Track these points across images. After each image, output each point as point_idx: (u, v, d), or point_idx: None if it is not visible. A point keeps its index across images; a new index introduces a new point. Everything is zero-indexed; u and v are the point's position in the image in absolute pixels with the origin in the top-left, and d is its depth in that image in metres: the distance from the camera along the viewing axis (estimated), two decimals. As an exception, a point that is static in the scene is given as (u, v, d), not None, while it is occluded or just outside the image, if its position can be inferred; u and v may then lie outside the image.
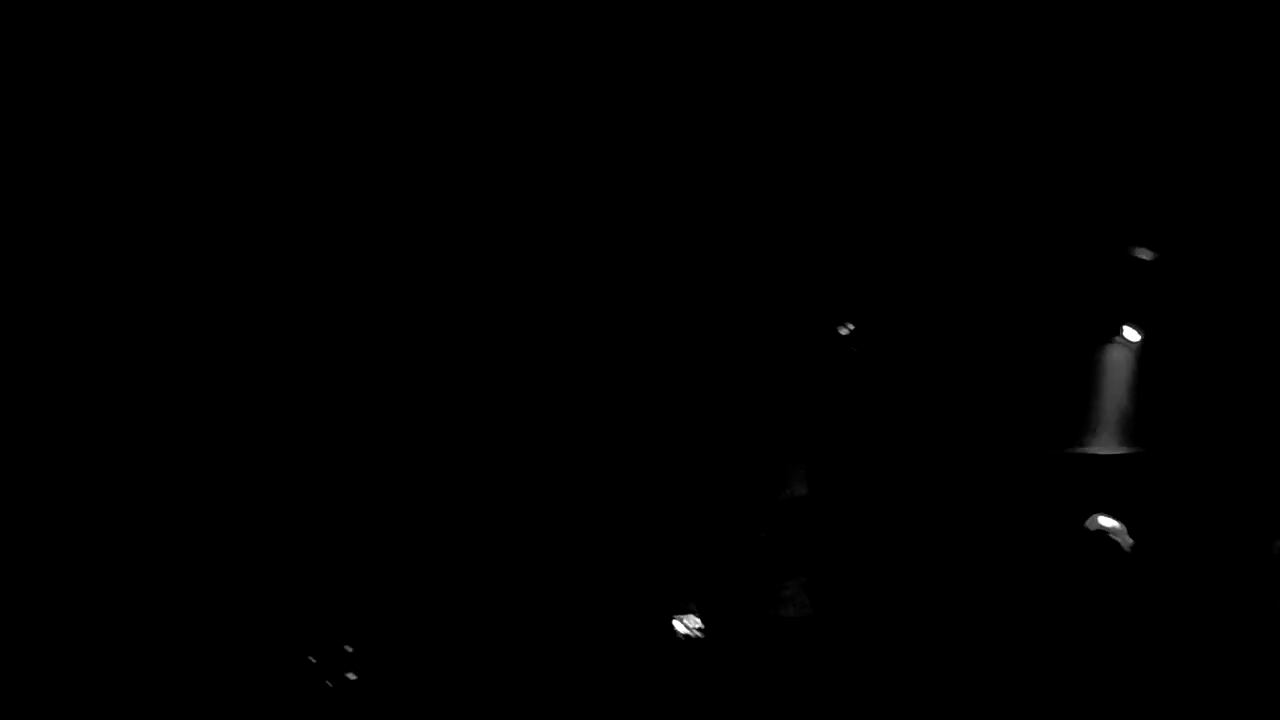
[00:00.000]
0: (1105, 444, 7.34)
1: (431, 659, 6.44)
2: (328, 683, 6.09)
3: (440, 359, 6.87)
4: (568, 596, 6.73)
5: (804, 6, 6.42)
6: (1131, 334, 7.36)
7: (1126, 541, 5.83)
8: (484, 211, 6.81)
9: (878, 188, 7.10)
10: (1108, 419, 7.36)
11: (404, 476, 6.77)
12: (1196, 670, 5.70)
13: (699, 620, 6.73)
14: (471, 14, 6.34)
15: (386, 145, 6.61)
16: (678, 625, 6.75)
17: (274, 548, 6.55)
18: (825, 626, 6.66)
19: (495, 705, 6.30)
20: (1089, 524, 6.01)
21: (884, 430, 7.10)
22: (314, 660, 6.13)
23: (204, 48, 6.27)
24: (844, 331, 7.21)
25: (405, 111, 6.53)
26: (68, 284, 6.44)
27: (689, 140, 6.78)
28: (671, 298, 7.07)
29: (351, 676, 6.15)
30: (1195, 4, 6.27)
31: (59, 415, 6.40)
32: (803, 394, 7.07)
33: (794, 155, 6.86)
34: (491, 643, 6.52)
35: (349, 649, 6.19)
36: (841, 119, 6.82)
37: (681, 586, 6.84)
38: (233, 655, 6.21)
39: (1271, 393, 6.95)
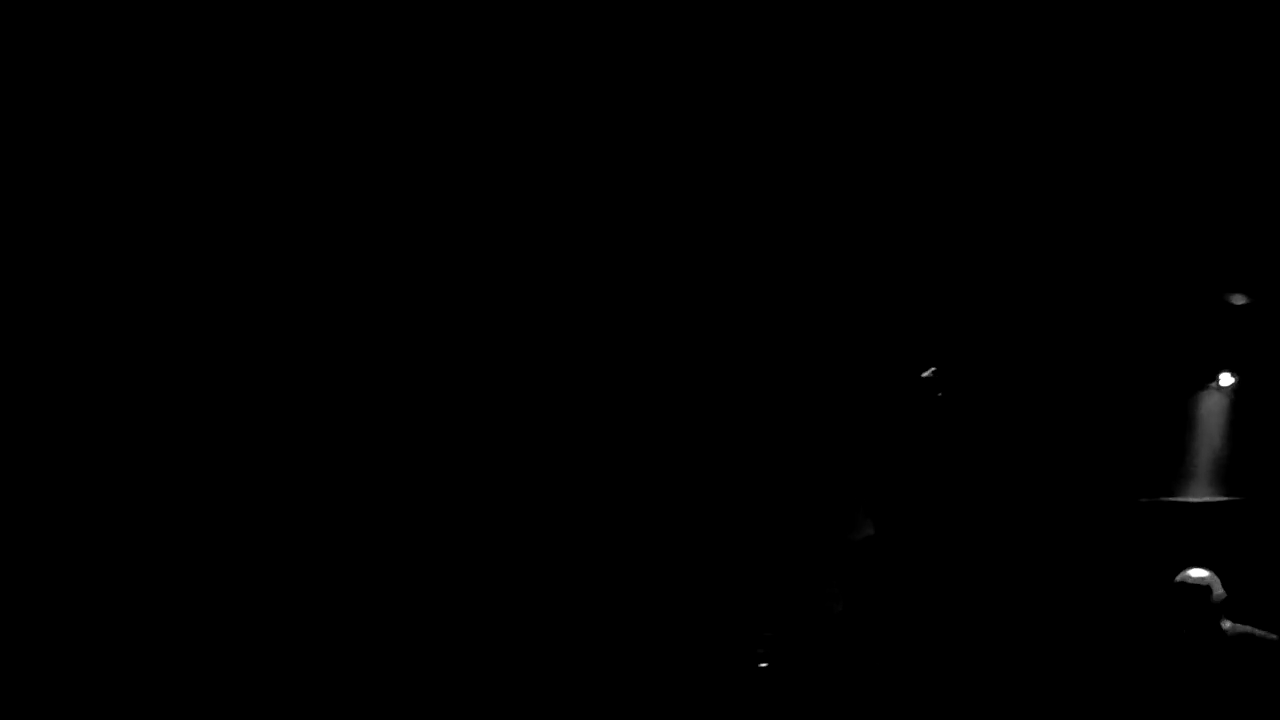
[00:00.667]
0: (1199, 491, 7.25)
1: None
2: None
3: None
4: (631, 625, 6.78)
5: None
6: (1227, 379, 7.28)
7: (1219, 593, 5.75)
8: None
9: (968, 230, 7.09)
10: (1202, 466, 7.28)
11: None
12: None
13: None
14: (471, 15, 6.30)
15: (385, 146, 6.58)
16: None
17: (274, 547, 6.58)
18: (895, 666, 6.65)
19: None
20: (1180, 577, 5.93)
21: (969, 474, 7.08)
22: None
23: (201, 48, 6.27)
24: (928, 375, 7.21)
25: (405, 113, 6.48)
26: (65, 284, 6.49)
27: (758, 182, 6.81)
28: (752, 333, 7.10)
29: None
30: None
31: (58, 415, 6.46)
32: (884, 438, 7.07)
33: (874, 197, 6.87)
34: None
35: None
36: (928, 162, 6.82)
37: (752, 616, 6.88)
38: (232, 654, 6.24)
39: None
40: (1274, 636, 5.51)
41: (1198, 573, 5.66)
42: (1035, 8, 6.01)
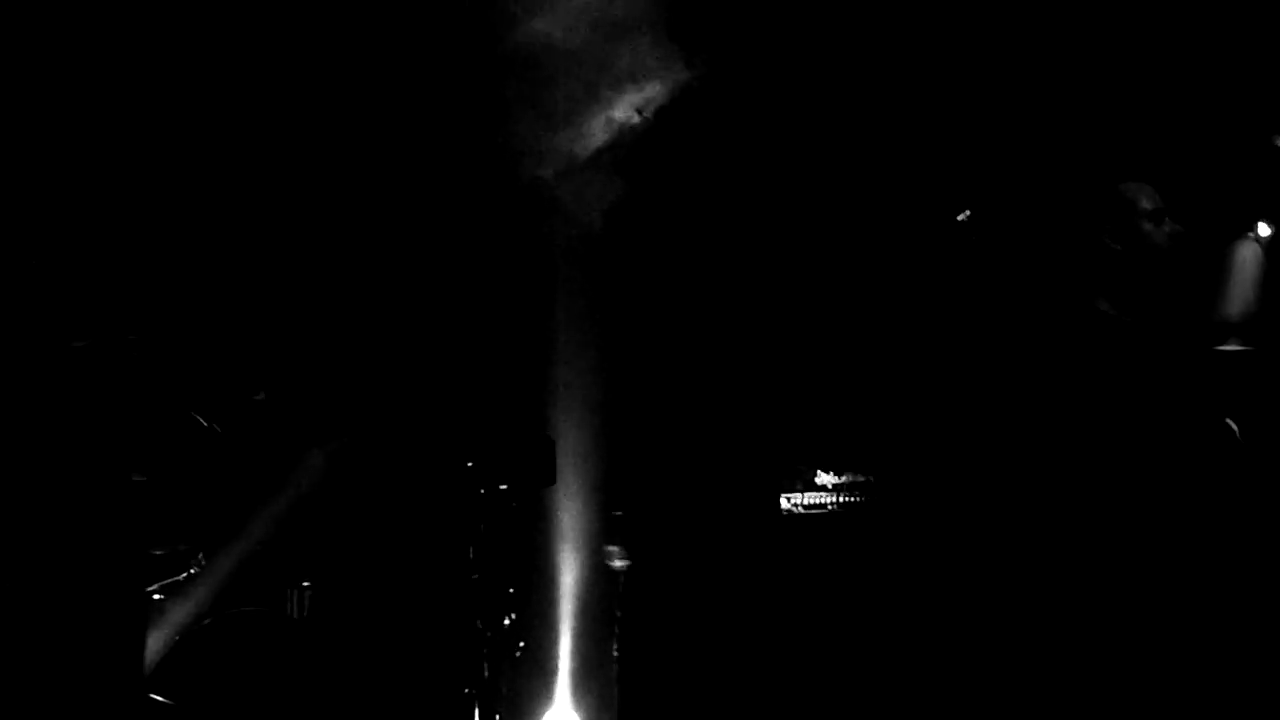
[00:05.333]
0: (1231, 342, 7.23)
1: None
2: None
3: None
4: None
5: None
6: (1264, 229, 7.21)
7: (1239, 430, 5.80)
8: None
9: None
10: (1234, 315, 7.24)
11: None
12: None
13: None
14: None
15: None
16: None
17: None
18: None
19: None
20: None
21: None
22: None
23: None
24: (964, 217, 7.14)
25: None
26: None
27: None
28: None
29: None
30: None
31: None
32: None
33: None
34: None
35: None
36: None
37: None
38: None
39: None
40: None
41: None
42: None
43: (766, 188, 7.48)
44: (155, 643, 6.00)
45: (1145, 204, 5.53)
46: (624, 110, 6.97)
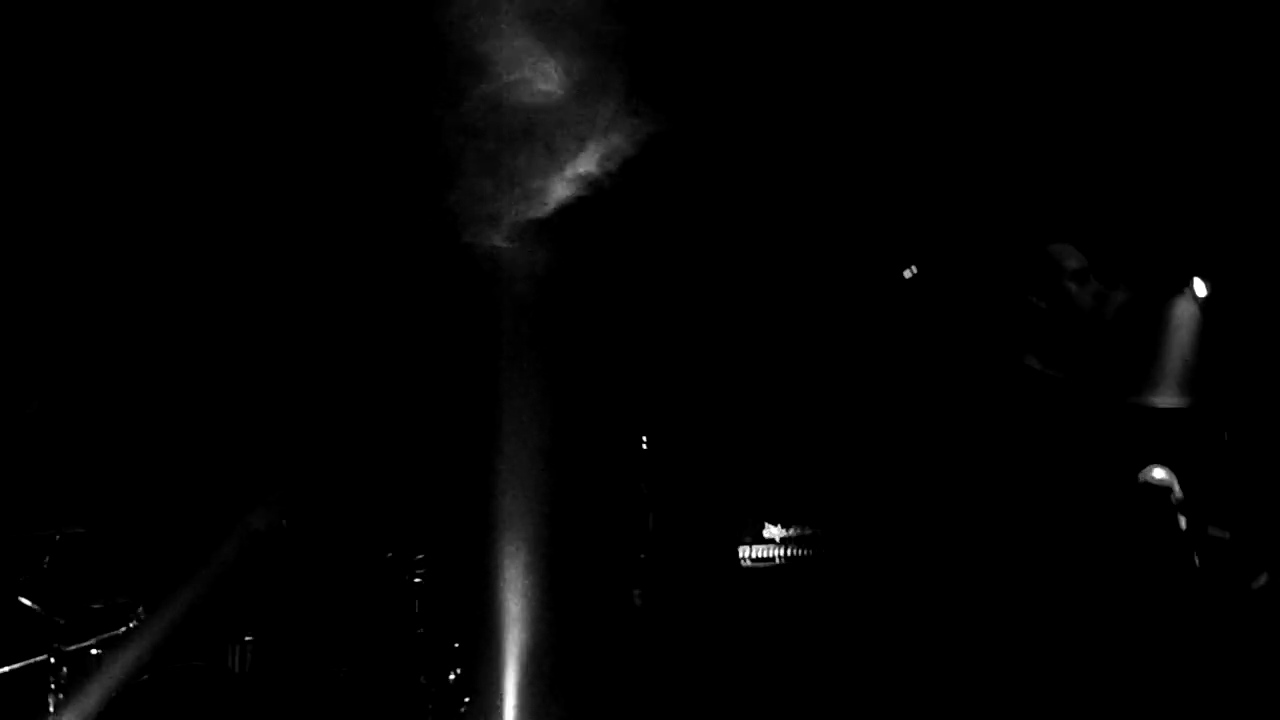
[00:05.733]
0: (1167, 397, 7.32)
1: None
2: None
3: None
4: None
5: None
6: (1200, 288, 7.33)
7: (1178, 494, 5.86)
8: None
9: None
10: (1171, 372, 7.35)
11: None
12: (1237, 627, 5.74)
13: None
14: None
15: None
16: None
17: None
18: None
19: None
20: (1142, 475, 6.03)
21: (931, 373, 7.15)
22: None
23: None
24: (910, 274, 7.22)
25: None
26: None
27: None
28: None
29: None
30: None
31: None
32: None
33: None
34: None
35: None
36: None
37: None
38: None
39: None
40: (1226, 534, 5.64)
41: (1159, 473, 5.76)
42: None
43: (713, 250, 7.57)
44: (94, 696, 5.96)
45: (1070, 264, 5.67)
46: (583, 169, 7.04)
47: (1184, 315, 7.29)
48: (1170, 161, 7.15)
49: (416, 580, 6.82)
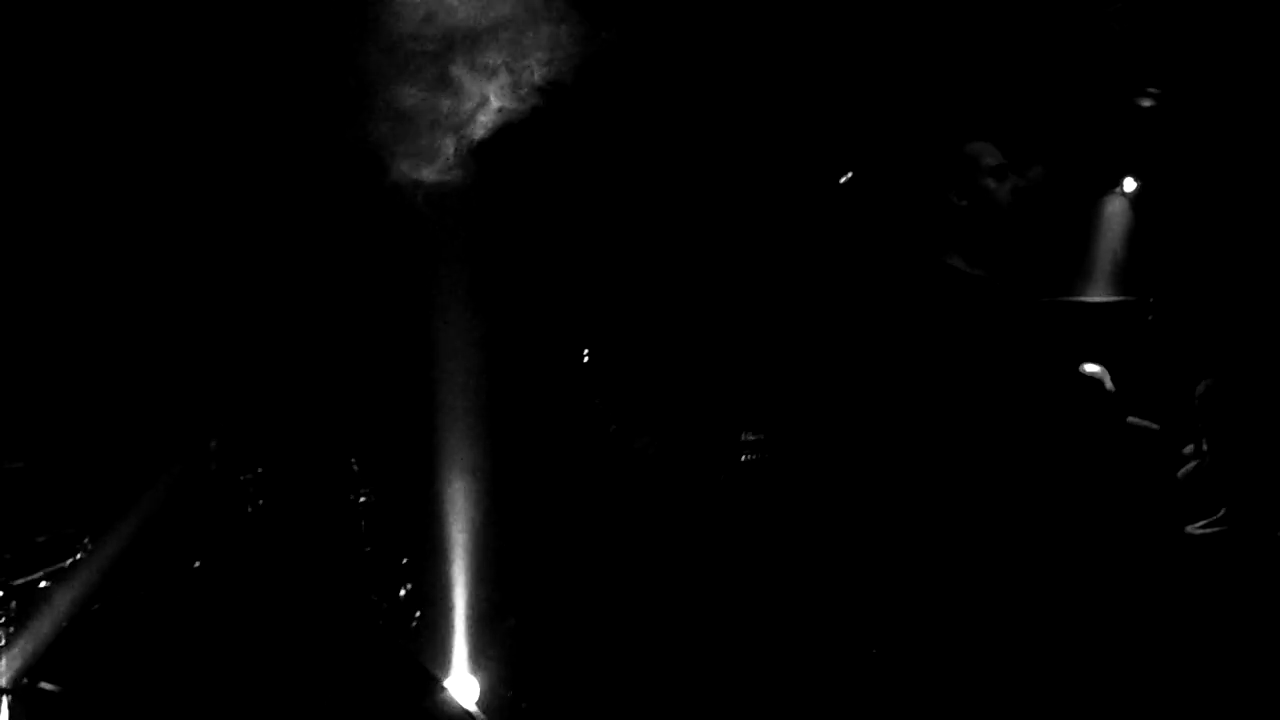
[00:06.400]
0: (1098, 292, 7.44)
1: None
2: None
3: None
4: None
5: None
6: (1130, 184, 7.43)
7: (1109, 385, 5.96)
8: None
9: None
10: (1103, 267, 7.46)
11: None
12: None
13: None
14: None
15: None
16: None
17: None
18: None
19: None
20: (1079, 367, 6.11)
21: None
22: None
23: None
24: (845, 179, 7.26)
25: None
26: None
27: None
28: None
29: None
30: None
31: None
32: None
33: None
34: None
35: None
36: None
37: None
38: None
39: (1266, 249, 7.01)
40: (1156, 426, 5.74)
41: (1090, 367, 5.85)
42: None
43: (650, 162, 7.56)
44: (42, 629, 5.97)
45: (988, 161, 5.67)
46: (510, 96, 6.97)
47: (1114, 212, 7.40)
48: (1098, 63, 7.17)
49: (362, 500, 6.85)
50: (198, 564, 6.53)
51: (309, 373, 7.19)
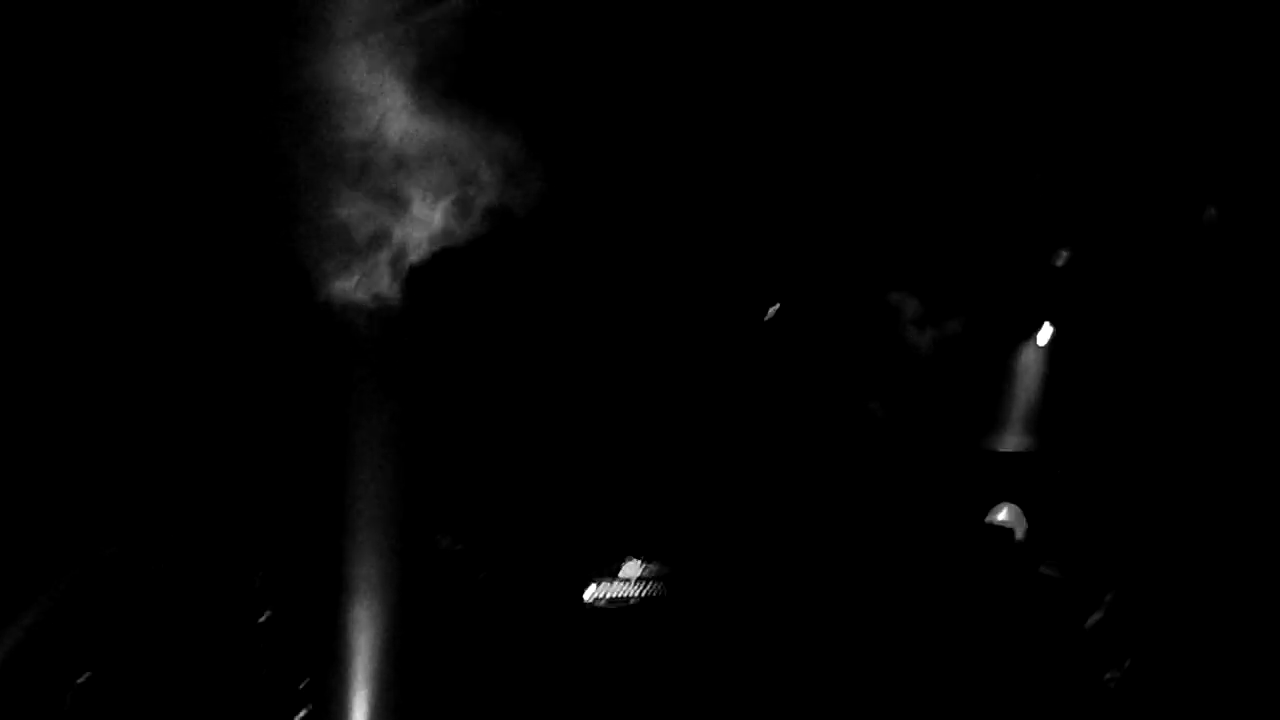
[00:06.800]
0: (1012, 442, 7.50)
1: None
2: None
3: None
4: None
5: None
6: (1044, 336, 7.55)
7: (1022, 530, 6.01)
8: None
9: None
10: (1016, 417, 7.53)
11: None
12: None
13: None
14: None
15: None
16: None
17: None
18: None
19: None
20: (990, 516, 6.17)
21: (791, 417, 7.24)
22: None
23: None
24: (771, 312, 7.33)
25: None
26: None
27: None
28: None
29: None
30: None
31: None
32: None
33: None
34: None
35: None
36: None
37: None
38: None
39: (1175, 396, 7.11)
40: (1058, 574, 5.79)
41: (1003, 514, 5.90)
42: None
43: (563, 286, 7.56)
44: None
45: (909, 310, 5.78)
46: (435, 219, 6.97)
47: (1029, 362, 7.52)
48: (1017, 221, 7.33)
49: (263, 619, 6.72)
50: (86, 676, 6.32)
51: (217, 484, 7.05)
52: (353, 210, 6.48)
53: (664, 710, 6.78)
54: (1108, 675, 5.78)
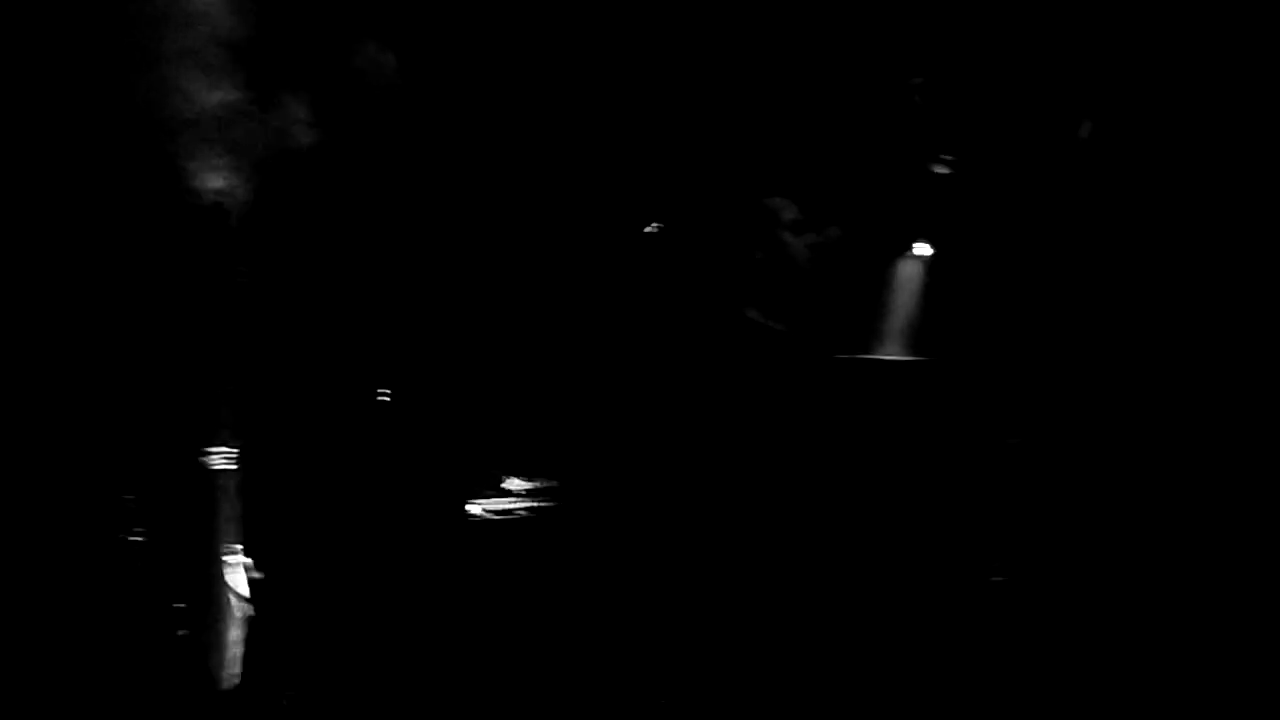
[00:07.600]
0: (892, 350, 7.58)
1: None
2: None
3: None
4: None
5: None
6: (923, 248, 7.60)
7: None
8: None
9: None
10: (896, 327, 7.60)
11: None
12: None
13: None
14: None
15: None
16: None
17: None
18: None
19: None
20: None
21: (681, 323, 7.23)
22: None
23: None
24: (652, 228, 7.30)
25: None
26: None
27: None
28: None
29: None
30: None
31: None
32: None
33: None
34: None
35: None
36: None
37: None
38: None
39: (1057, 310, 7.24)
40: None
41: None
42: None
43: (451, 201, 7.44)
44: None
45: (786, 215, 5.78)
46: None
47: (908, 274, 7.58)
48: (898, 130, 7.37)
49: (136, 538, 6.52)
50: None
51: (82, 395, 6.78)
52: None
53: (550, 617, 6.78)
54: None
